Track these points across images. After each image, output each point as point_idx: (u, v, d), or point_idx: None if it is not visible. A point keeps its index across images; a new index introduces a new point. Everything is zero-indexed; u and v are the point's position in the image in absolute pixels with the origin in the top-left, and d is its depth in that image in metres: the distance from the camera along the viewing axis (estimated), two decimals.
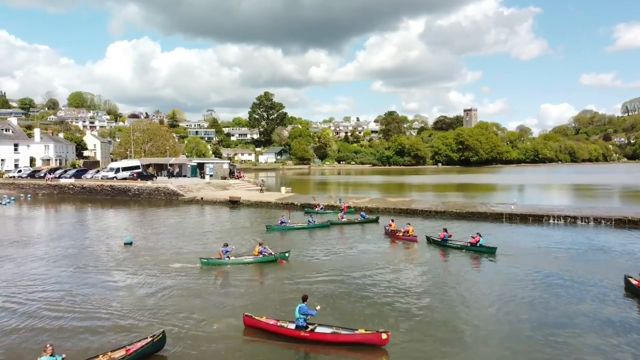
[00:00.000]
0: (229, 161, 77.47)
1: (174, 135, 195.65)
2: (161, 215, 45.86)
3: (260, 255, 25.22)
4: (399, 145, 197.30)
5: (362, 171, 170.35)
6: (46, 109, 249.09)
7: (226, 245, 25.63)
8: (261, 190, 59.50)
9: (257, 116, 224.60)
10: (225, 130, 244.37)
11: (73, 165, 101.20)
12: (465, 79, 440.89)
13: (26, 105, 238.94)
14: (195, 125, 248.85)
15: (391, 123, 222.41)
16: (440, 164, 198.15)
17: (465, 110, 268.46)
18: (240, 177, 77.02)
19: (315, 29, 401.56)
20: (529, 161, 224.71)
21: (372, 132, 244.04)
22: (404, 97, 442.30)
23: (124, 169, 68.11)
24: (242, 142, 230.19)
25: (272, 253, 25.41)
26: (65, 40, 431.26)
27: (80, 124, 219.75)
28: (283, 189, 58.16)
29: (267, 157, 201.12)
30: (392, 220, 35.35)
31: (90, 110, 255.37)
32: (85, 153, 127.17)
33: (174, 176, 73.55)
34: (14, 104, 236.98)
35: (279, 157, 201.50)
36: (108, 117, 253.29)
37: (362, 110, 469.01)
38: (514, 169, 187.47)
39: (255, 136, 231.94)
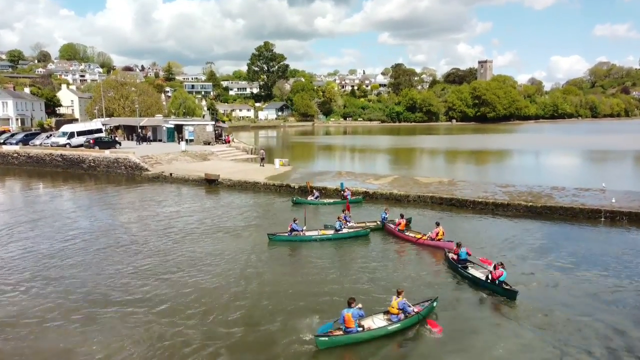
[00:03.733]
0: (213, 122, 63.64)
1: (167, 90, 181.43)
2: (105, 203, 32.63)
3: (403, 316, 14.48)
4: (410, 100, 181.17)
5: (370, 129, 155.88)
6: (36, 61, 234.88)
7: (354, 303, 13.96)
8: (262, 163, 46.00)
9: (256, 68, 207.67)
10: (224, 84, 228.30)
11: (40, 126, 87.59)
12: (475, 31, 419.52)
13: (15, 58, 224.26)
14: (192, 79, 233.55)
15: (401, 76, 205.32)
16: (454, 121, 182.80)
17: (479, 62, 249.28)
18: (229, 141, 63.45)
19: None
20: (547, 117, 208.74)
21: (380, 85, 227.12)
22: (411, 50, 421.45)
23: (81, 133, 54.48)
24: (241, 97, 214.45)
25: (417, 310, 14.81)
26: None
27: (70, 77, 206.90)
28: (277, 161, 44.61)
29: (268, 113, 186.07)
30: (402, 216, 24.61)
31: (82, 63, 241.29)
32: (62, 110, 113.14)
33: (146, 141, 60.09)
34: (3, 57, 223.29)
35: (280, 113, 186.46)
36: (101, 70, 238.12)
37: (369, 63, 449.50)
38: (532, 125, 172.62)
39: (255, 90, 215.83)
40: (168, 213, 29.78)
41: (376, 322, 14.43)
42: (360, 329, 13.81)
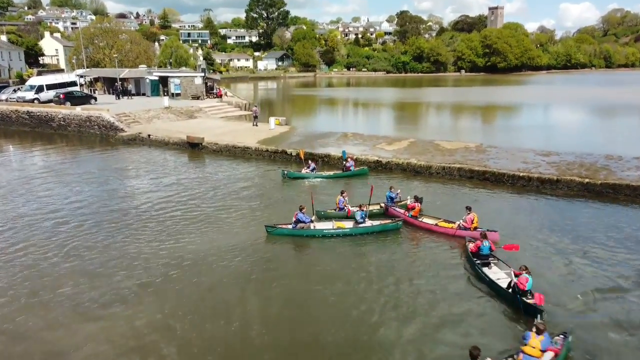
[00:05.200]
0: (202, 74, 56.86)
1: (162, 38, 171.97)
2: (55, 174, 26.80)
3: None
4: (416, 50, 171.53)
5: (375, 80, 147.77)
6: (26, 8, 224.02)
7: (480, 355, 9.49)
8: (255, 122, 39.88)
9: (255, 15, 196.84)
10: (222, 32, 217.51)
11: (19, 77, 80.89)
12: None
13: (3, 4, 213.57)
14: (188, 27, 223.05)
15: (408, 23, 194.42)
16: (463, 71, 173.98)
17: (490, 9, 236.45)
18: (221, 95, 57.01)
19: None
20: (559, 67, 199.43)
21: (386, 33, 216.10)
22: None
23: (51, 86, 48.06)
24: (240, 46, 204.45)
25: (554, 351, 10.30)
26: None
27: (60, 25, 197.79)
28: (272, 120, 38.48)
29: (267, 63, 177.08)
30: (417, 199, 19.37)
31: (74, 10, 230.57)
32: (46, 60, 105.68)
33: (127, 95, 53.71)
34: None
35: (280, 63, 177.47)
36: (94, 17, 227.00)
37: (373, 10, 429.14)
38: (545, 76, 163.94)
39: (254, 39, 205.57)
40: (132, 188, 24.11)
41: None
42: None
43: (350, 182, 24.96)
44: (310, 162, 26.52)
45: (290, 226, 17.81)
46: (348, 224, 18.20)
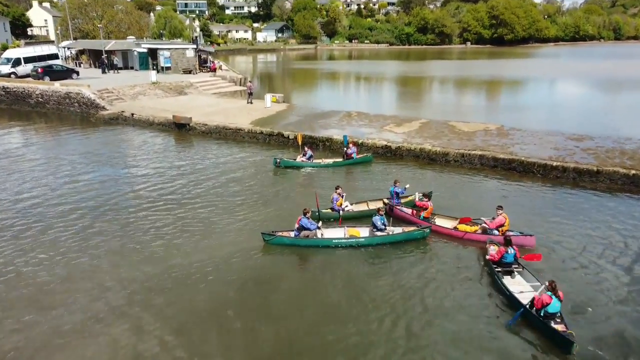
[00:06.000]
0: (195, 46, 52.76)
1: (159, 8, 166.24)
2: (11, 162, 23.55)
3: None
4: (421, 21, 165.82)
5: (378, 52, 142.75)
6: None
7: None
8: (249, 99, 36.45)
9: None
10: (220, 1, 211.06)
11: (4, 48, 76.64)
12: None
13: None
14: None
15: None
16: (468, 43, 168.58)
17: None
18: (214, 69, 53.18)
19: None
20: (567, 39, 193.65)
21: (389, 4, 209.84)
22: None
23: (29, 59, 44.33)
24: (238, 17, 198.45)
25: None
26: None
27: None
28: (269, 97, 34.93)
29: (266, 35, 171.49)
30: (426, 196, 16.26)
31: None
32: (34, 32, 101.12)
33: (114, 69, 49.95)
34: None
35: (279, 34, 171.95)
36: None
37: None
38: (553, 49, 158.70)
39: (253, 9, 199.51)
40: (100, 179, 20.73)
41: None
42: None
43: (352, 171, 21.74)
44: (306, 148, 23.02)
45: (292, 234, 14.58)
46: (363, 232, 14.91)
